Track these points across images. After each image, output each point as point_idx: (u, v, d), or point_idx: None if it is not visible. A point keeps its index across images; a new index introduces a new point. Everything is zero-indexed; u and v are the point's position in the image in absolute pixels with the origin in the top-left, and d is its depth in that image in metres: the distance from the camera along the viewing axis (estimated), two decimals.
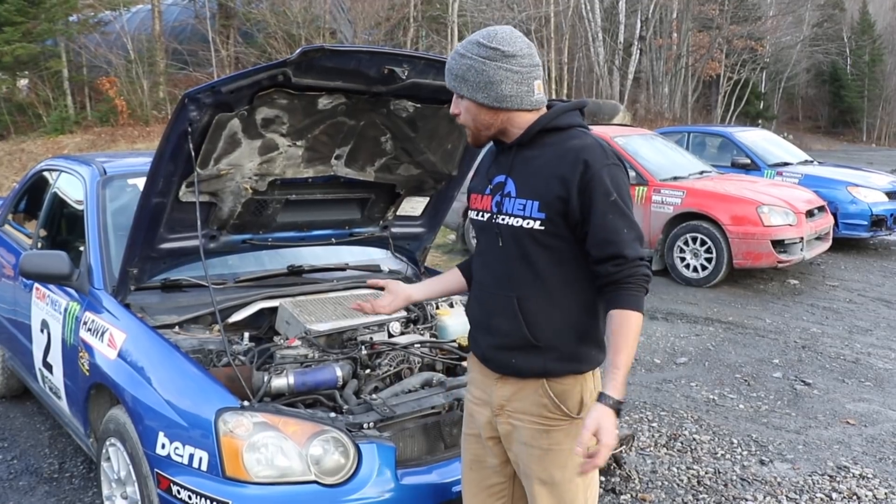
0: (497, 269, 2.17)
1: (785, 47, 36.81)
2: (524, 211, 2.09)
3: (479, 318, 2.25)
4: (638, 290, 2.03)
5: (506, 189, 2.15)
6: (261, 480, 2.49)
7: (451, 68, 2.11)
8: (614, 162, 2.08)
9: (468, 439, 2.37)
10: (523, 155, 2.14)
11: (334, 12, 20.72)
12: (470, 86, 2.07)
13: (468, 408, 2.36)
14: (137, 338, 2.98)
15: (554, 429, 2.14)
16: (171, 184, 2.94)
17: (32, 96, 18.15)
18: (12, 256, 4.41)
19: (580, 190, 2.02)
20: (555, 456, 2.14)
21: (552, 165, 2.07)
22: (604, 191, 2.01)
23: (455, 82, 2.11)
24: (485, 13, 23.04)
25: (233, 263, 3.75)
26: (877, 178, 10.90)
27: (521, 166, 2.14)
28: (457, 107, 2.16)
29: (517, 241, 2.11)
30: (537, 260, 2.09)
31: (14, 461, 4.11)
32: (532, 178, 2.10)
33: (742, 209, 8.09)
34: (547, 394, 2.13)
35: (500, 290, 2.16)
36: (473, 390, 2.34)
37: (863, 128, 45.07)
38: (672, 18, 30.87)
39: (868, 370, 5.71)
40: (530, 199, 2.08)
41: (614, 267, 2.02)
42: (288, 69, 2.69)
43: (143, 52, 18.75)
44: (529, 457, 2.16)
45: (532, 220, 2.07)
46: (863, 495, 3.83)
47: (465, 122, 2.15)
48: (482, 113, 2.11)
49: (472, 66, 2.06)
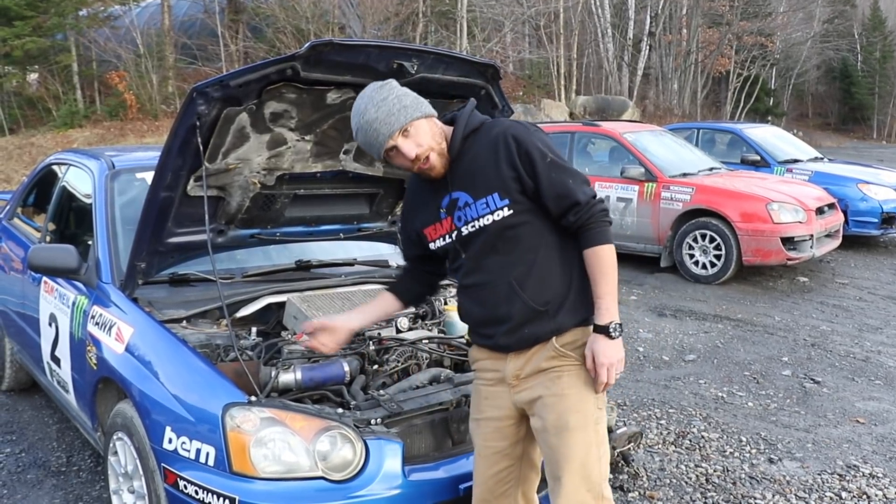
0: (485, 268, 2.31)
1: (795, 44, 36.60)
2: (488, 207, 2.26)
3: (484, 315, 2.37)
4: (600, 225, 2.26)
5: (460, 202, 2.31)
6: (268, 476, 2.49)
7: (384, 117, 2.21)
8: (531, 128, 2.29)
9: (478, 424, 2.47)
10: (460, 167, 2.31)
11: (343, 7, 20.70)
12: (408, 109, 2.23)
13: (482, 392, 2.46)
14: (145, 332, 2.98)
15: (565, 373, 2.30)
16: (179, 178, 2.93)
17: (42, 90, 18.17)
18: (21, 250, 4.42)
19: (523, 163, 2.22)
20: (568, 400, 2.29)
21: (487, 157, 2.26)
22: (540, 155, 2.23)
23: (398, 116, 2.21)
24: (494, 8, 22.97)
25: (241, 258, 3.75)
26: (887, 175, 10.83)
27: (463, 176, 2.30)
28: (412, 146, 2.24)
29: (497, 234, 2.27)
30: (517, 240, 2.27)
31: (22, 454, 4.12)
32: (477, 177, 2.27)
33: (752, 206, 8.06)
34: (555, 348, 2.30)
35: (496, 283, 2.30)
36: (484, 374, 2.46)
37: (873, 125, 44.79)
38: (682, 14, 30.73)
39: (878, 368, 5.68)
40: (487, 195, 2.25)
41: (575, 215, 2.24)
42: (297, 63, 2.68)
43: (153, 47, 18.74)
44: (546, 407, 2.30)
45: (500, 210, 2.25)
46: (873, 494, 3.81)
47: (431, 146, 2.26)
48: (433, 125, 2.29)
49: (389, 97, 2.23)
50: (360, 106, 2.26)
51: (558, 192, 2.23)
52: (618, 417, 4.44)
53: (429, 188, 2.40)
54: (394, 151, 2.27)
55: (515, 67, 26.17)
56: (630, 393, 5.07)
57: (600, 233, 2.25)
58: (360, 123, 2.25)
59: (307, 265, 3.80)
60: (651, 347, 6.08)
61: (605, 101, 22.69)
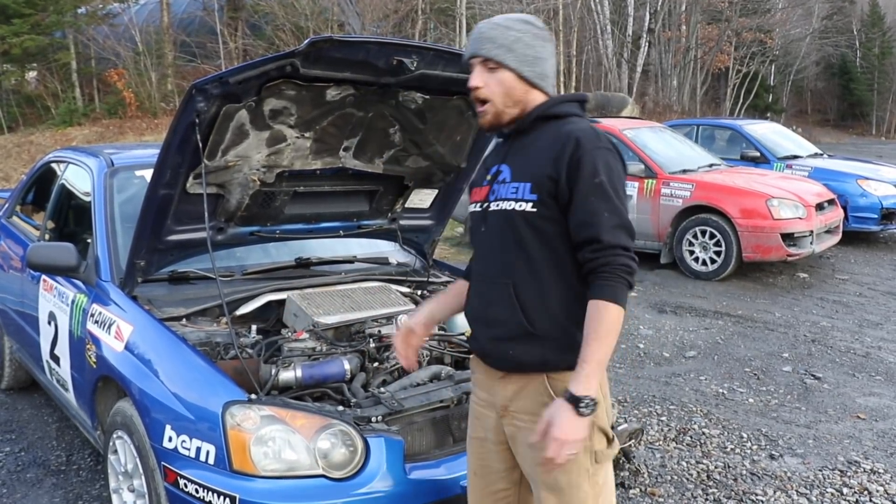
0: (492, 257, 2.14)
1: (794, 40, 36.58)
2: (517, 193, 2.06)
3: (477, 311, 2.20)
4: (615, 280, 1.94)
5: (501, 176, 2.14)
6: (268, 474, 2.49)
7: (493, 37, 2.06)
8: (607, 147, 2.03)
9: (473, 443, 2.30)
10: (520, 142, 2.14)
11: (342, 4, 20.66)
12: (517, 57, 2.06)
13: (474, 410, 2.29)
14: (144, 330, 2.97)
15: None
16: (178, 175, 2.93)
17: (41, 88, 18.17)
18: (20, 248, 4.41)
19: (568, 168, 1.98)
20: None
21: (546, 148, 2.05)
22: (590, 171, 1.96)
23: (498, 50, 2.06)
24: (493, 5, 22.92)
25: (240, 255, 3.74)
26: (887, 171, 10.83)
27: (518, 152, 2.13)
28: (482, 79, 2.09)
29: (511, 226, 2.07)
30: (531, 244, 2.04)
31: (22, 453, 4.12)
32: (527, 162, 2.09)
33: (751, 202, 8.05)
34: (548, 392, 2.04)
35: (496, 279, 2.11)
36: (479, 392, 2.28)
37: (872, 121, 44.78)
38: (681, 11, 30.69)
39: (878, 364, 5.68)
40: (523, 182, 2.06)
41: (591, 253, 1.96)
42: (296, 60, 2.67)
43: (152, 45, 18.75)
44: (534, 460, 2.06)
45: (524, 202, 2.04)
46: (874, 490, 3.81)
47: (492, 97, 2.09)
48: (518, 88, 2.09)
49: (521, 38, 2.06)
50: (498, 16, 2.15)
51: (585, 217, 1.96)
52: (618, 414, 4.45)
53: (496, 150, 2.27)
54: (471, 68, 2.13)
55: None
56: (631, 389, 5.06)
57: (612, 288, 1.93)
58: (481, 24, 2.13)
59: (307, 262, 3.79)
60: (651, 344, 6.08)
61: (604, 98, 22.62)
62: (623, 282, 1.94)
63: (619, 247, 1.94)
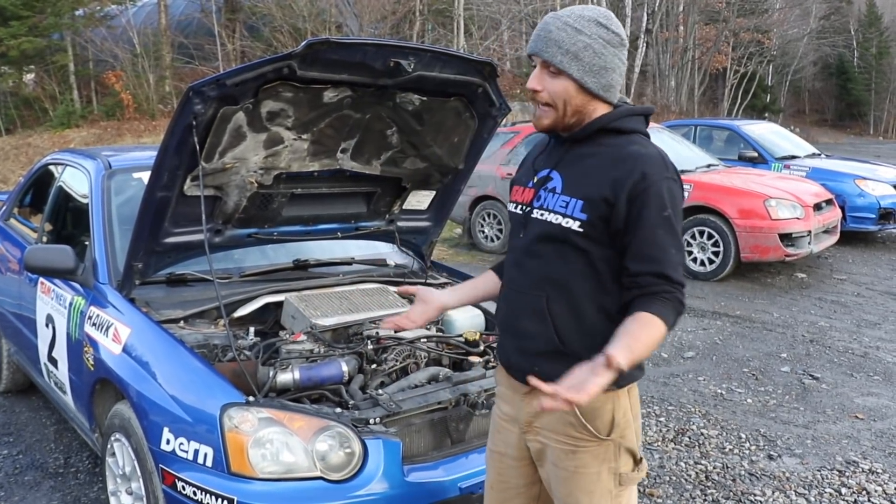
0: (528, 266, 2.03)
1: (792, 40, 36.63)
2: (566, 209, 1.95)
3: (507, 320, 2.10)
4: (669, 308, 1.84)
5: (550, 184, 2.02)
6: (266, 476, 2.48)
7: (559, 41, 1.91)
8: (673, 177, 1.93)
9: (493, 456, 2.24)
10: (576, 152, 2.01)
11: (340, 6, 20.66)
12: (582, 66, 1.91)
13: (496, 423, 2.23)
14: (142, 332, 2.97)
15: (580, 450, 2.00)
16: (175, 178, 2.92)
17: (39, 90, 18.15)
18: (17, 250, 4.41)
19: (631, 197, 1.87)
20: (580, 479, 2.00)
21: (607, 168, 1.92)
22: (659, 204, 1.87)
23: (564, 57, 1.91)
24: (491, 6, 22.96)
25: (238, 258, 3.74)
26: (884, 170, 10.84)
27: (572, 163, 2.00)
28: (542, 83, 1.96)
29: (552, 239, 1.97)
30: (571, 262, 1.95)
31: (20, 456, 4.11)
32: (583, 176, 1.96)
33: (749, 203, 8.05)
34: (574, 412, 1.95)
35: (530, 290, 2.01)
36: (502, 405, 2.20)
37: (870, 121, 44.84)
38: (678, 11, 30.71)
39: (877, 364, 5.68)
40: (575, 198, 1.94)
41: (656, 283, 1.86)
42: (293, 62, 2.67)
43: (149, 46, 18.73)
44: (556, 478, 2.04)
45: (572, 220, 1.93)
46: (872, 490, 3.81)
47: (553, 102, 1.95)
48: (579, 97, 1.95)
49: (591, 45, 1.91)
50: (570, 11, 1.96)
51: (653, 252, 1.86)
52: None
53: (543, 150, 2.15)
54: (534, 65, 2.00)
55: (513, 65, 26.13)
56: None
57: (667, 311, 1.84)
58: (550, 18, 1.96)
59: (305, 264, 3.79)
60: None
61: None
62: (675, 314, 1.86)
63: (680, 285, 1.88)
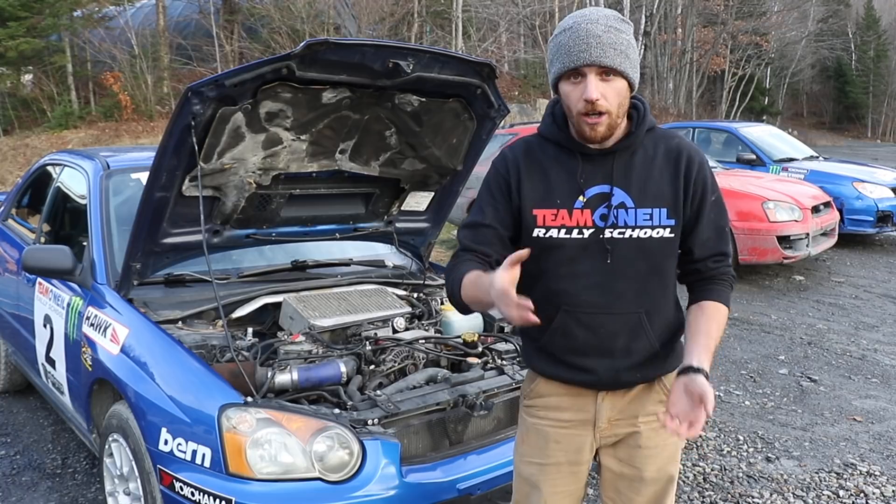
0: (621, 288, 1.97)
1: (790, 43, 36.73)
2: (652, 220, 1.95)
3: (592, 344, 2.00)
4: (728, 287, 2.05)
5: (614, 201, 1.95)
6: (264, 477, 2.48)
7: (613, 43, 1.84)
8: (706, 159, 2.06)
9: (546, 470, 2.11)
10: (628, 161, 1.97)
11: (338, 7, 20.67)
12: (632, 64, 1.89)
13: (549, 435, 2.10)
14: (140, 333, 2.97)
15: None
16: (174, 178, 2.92)
17: (37, 91, 18.11)
18: (15, 251, 4.40)
19: (694, 188, 1.97)
20: (668, 450, 2.10)
21: (664, 166, 1.98)
22: (712, 189, 2.01)
23: (620, 58, 1.85)
24: (489, 8, 22.97)
25: (236, 258, 3.74)
26: (882, 173, 10.84)
27: (628, 173, 1.96)
28: (599, 89, 1.85)
29: (644, 253, 1.95)
30: (666, 270, 2.02)
31: (17, 456, 4.10)
32: (651, 184, 1.96)
33: (747, 205, 8.05)
34: (665, 390, 2.07)
35: (626, 310, 1.98)
36: (555, 414, 2.10)
37: (868, 123, 44.95)
38: (677, 14, 30.78)
39: (874, 367, 5.68)
40: (657, 207, 1.95)
41: (714, 263, 2.03)
42: (292, 62, 2.67)
43: (148, 47, 18.71)
44: (644, 458, 2.08)
45: (662, 229, 1.95)
46: (870, 493, 3.81)
47: (610, 108, 1.87)
48: (628, 96, 1.93)
49: (631, 43, 1.90)
50: (590, 13, 1.88)
51: (714, 234, 2.01)
52: None
53: (558, 166, 2.00)
54: (578, 79, 1.87)
55: (511, 67, 26.17)
56: None
57: (727, 294, 2.03)
58: (579, 24, 1.86)
59: (303, 265, 3.79)
60: None
61: None
62: (731, 291, 2.06)
63: (730, 256, 2.07)
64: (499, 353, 3.24)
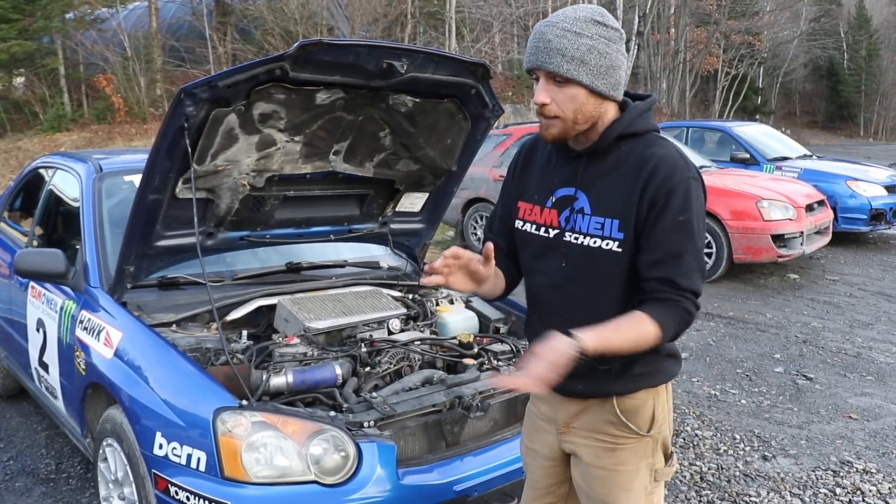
0: (568, 291, 1.97)
1: (782, 42, 36.83)
2: (602, 230, 1.89)
3: None
4: (674, 314, 1.81)
5: (576, 205, 1.94)
6: (260, 481, 2.46)
7: (562, 48, 1.80)
8: (694, 175, 1.86)
9: (528, 453, 2.26)
10: (596, 167, 1.93)
11: (332, 8, 20.66)
12: (590, 70, 1.81)
13: (534, 422, 2.22)
14: (134, 336, 2.95)
15: (620, 447, 2.00)
16: (167, 180, 2.90)
17: (29, 94, 18.06)
18: (7, 255, 4.38)
19: (654, 200, 1.82)
20: (619, 477, 2.00)
21: (631, 178, 1.86)
22: (678, 207, 1.81)
23: (570, 65, 1.80)
24: (482, 9, 22.97)
25: (230, 260, 3.73)
26: (875, 172, 10.89)
27: (595, 180, 1.93)
28: (550, 94, 1.84)
29: (592, 263, 1.91)
30: (612, 283, 1.91)
31: (10, 462, 4.08)
32: (611, 193, 1.89)
33: (742, 204, 8.07)
34: (614, 412, 1.98)
35: (571, 315, 1.92)
36: (540, 405, 2.18)
37: (860, 122, 45.13)
38: (670, 14, 30.85)
39: (869, 364, 5.69)
40: (609, 218, 1.88)
41: (661, 287, 1.82)
42: (286, 63, 2.66)
43: (140, 50, 18.67)
44: (593, 478, 2.03)
45: (610, 241, 1.88)
46: (866, 490, 3.81)
47: (562, 114, 1.85)
48: (591, 103, 1.86)
49: (594, 47, 1.81)
50: (557, 15, 1.86)
51: (665, 257, 1.82)
52: None
53: (552, 160, 2.03)
54: (538, 81, 1.87)
55: (504, 68, 26.18)
56: None
57: (666, 318, 1.80)
58: (544, 28, 1.84)
59: (298, 267, 3.78)
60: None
61: None
62: (676, 322, 1.82)
63: (690, 292, 1.82)
64: (494, 353, 3.23)
